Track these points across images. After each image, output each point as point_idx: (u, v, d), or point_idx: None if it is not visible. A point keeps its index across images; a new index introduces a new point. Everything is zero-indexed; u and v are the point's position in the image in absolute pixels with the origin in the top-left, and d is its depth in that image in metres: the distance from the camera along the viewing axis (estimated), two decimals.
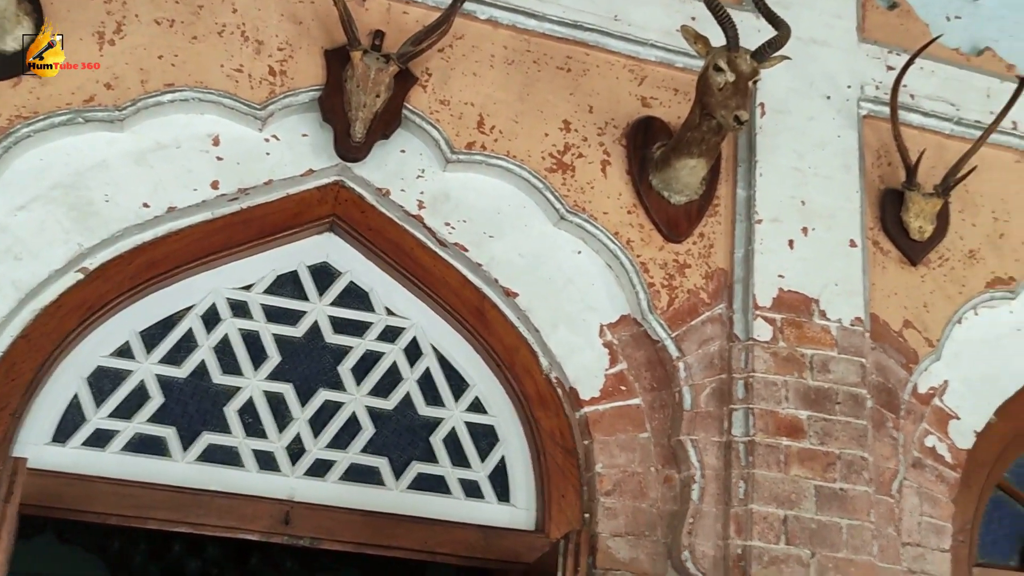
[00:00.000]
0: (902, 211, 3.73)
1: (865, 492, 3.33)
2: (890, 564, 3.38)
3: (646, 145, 3.56)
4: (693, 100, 3.33)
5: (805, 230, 3.58)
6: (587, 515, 3.30)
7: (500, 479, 3.41)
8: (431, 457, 3.37)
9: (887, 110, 3.69)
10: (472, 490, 3.38)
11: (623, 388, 3.42)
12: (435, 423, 3.40)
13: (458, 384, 3.45)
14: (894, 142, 3.70)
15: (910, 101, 3.83)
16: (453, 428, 3.41)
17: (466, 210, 3.42)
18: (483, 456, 3.41)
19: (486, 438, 3.44)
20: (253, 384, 3.26)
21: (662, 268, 3.49)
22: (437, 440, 3.38)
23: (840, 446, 3.36)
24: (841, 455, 3.35)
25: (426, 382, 3.43)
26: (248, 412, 3.23)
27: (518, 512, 3.37)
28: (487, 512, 3.36)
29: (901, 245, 3.74)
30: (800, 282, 3.52)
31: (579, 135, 3.53)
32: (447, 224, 3.39)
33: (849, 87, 3.80)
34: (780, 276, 3.51)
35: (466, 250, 3.40)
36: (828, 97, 3.76)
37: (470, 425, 3.43)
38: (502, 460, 3.43)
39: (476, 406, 3.45)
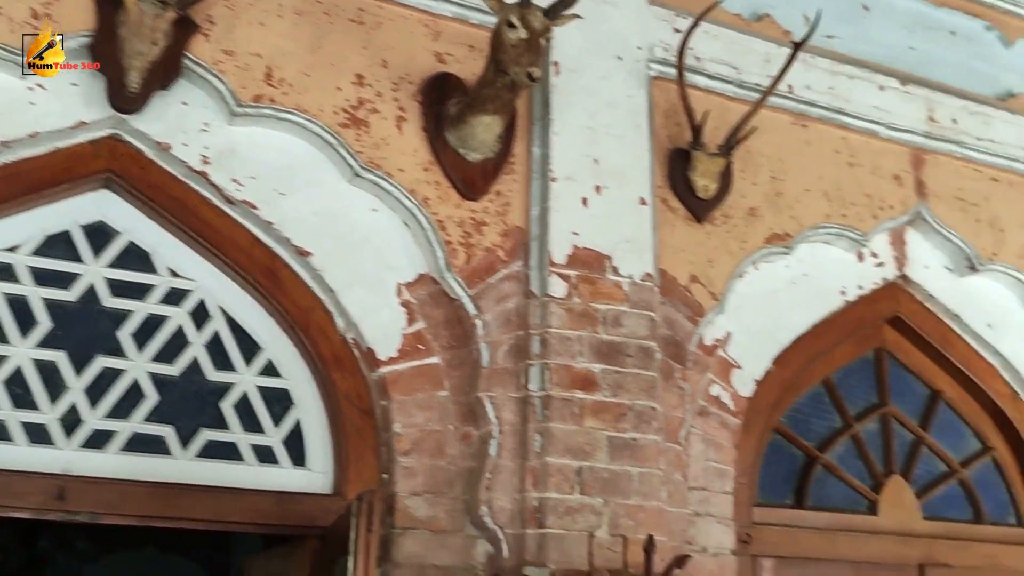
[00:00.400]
0: (689, 170, 3.86)
1: (655, 441, 3.46)
2: (678, 508, 3.54)
3: (442, 101, 3.51)
4: (487, 56, 3.31)
5: (598, 188, 3.65)
6: (385, 475, 3.27)
7: (296, 443, 3.33)
8: (222, 424, 3.24)
9: (675, 71, 3.80)
10: (266, 456, 3.28)
11: (421, 347, 3.40)
12: (225, 388, 3.27)
13: (249, 347, 3.33)
14: (681, 103, 3.82)
15: (696, 63, 3.95)
16: (245, 393, 3.29)
17: (254, 166, 3.28)
18: (277, 421, 3.32)
19: (280, 402, 3.34)
20: (21, 352, 3.02)
21: (459, 226, 3.47)
22: (228, 406, 3.26)
23: (631, 397, 3.47)
24: (632, 406, 3.46)
25: (215, 346, 3.28)
26: (16, 383, 3.00)
27: (315, 476, 3.30)
28: (282, 478, 3.27)
29: (688, 203, 3.87)
30: (594, 239, 3.59)
31: (373, 90, 3.45)
32: (234, 181, 3.25)
33: (639, 48, 3.88)
34: (575, 233, 3.56)
35: (256, 208, 3.26)
36: (619, 58, 3.83)
37: (263, 389, 3.31)
38: (297, 424, 3.34)
39: (269, 370, 3.34)
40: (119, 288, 3.19)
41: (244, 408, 3.28)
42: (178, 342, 3.23)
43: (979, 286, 4.48)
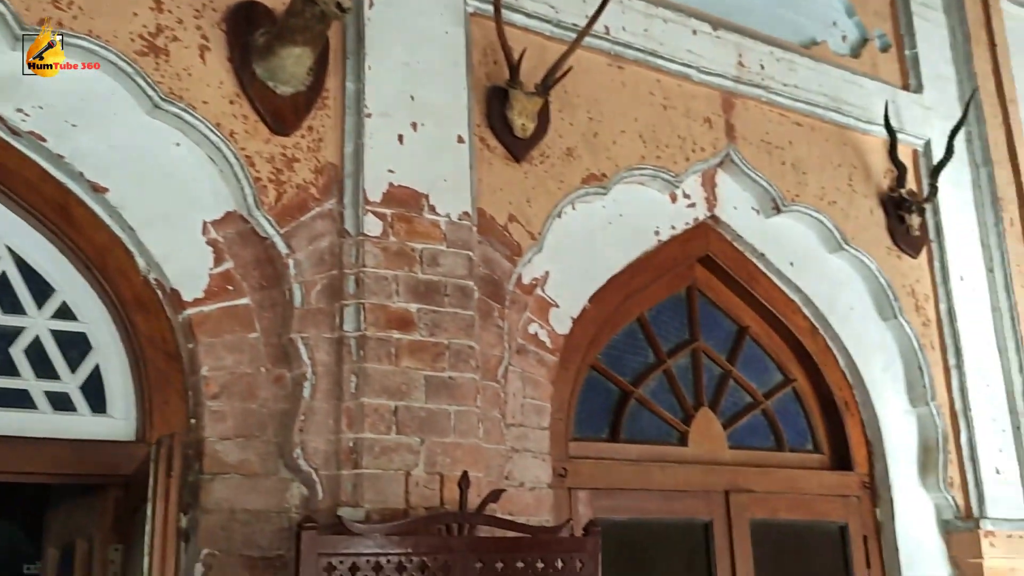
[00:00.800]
0: (506, 109, 3.85)
1: (472, 379, 3.48)
2: (495, 445, 3.58)
3: (248, 31, 3.36)
4: None
5: (415, 125, 3.59)
6: (193, 420, 3.16)
7: (95, 389, 3.17)
8: (12, 370, 3.05)
9: (492, 8, 3.76)
10: (63, 403, 3.11)
11: (230, 288, 3.28)
12: (15, 333, 3.07)
13: (42, 289, 3.14)
14: (499, 40, 3.79)
15: (513, 1, 3.93)
16: (37, 337, 3.10)
17: (42, 95, 3.05)
18: (74, 366, 3.15)
19: (77, 346, 3.17)
20: None
21: (269, 162, 3.35)
22: (18, 351, 3.07)
23: (449, 337, 3.46)
24: (450, 345, 3.46)
25: (3, 288, 3.07)
26: None
27: (116, 423, 3.16)
28: (81, 425, 3.12)
29: (506, 142, 3.87)
30: (410, 177, 3.54)
31: (173, 16, 3.26)
32: (20, 111, 3.02)
33: None
34: (390, 171, 3.50)
35: (44, 140, 3.05)
36: None
37: (57, 333, 3.14)
38: (96, 369, 3.18)
39: (64, 312, 3.16)
40: None
41: (37, 353, 3.10)
42: None
43: (783, 226, 4.70)
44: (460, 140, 3.68)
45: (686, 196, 4.43)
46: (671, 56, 4.38)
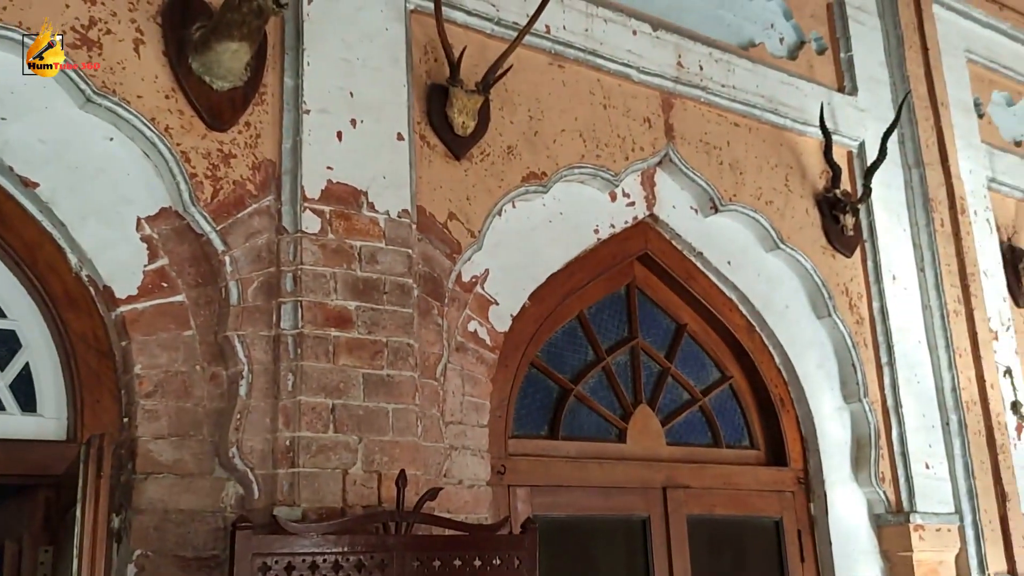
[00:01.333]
0: (447, 106, 3.85)
1: (411, 377, 3.47)
2: (434, 443, 3.58)
3: (184, 25, 3.32)
4: None
5: (354, 122, 3.57)
6: (126, 419, 3.11)
7: (25, 388, 3.12)
8: None
9: (432, 5, 3.75)
10: None
11: (165, 285, 3.24)
12: None
13: None
14: (439, 38, 3.78)
15: None
16: None
17: None
18: (3, 364, 3.10)
19: (6, 344, 3.11)
20: None
21: (205, 158, 3.31)
22: None
23: (387, 334, 3.46)
24: (388, 343, 3.45)
25: None
26: None
27: (47, 422, 3.11)
28: (10, 424, 3.07)
29: (446, 139, 3.87)
30: (349, 174, 3.52)
31: (107, 9, 3.20)
32: None
33: None
34: (329, 168, 3.48)
35: None
36: None
37: None
38: (27, 367, 3.12)
39: None
40: None
41: None
42: None
43: (720, 225, 4.76)
44: (400, 137, 3.67)
45: (626, 195, 4.47)
46: (611, 56, 4.42)
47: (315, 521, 3.05)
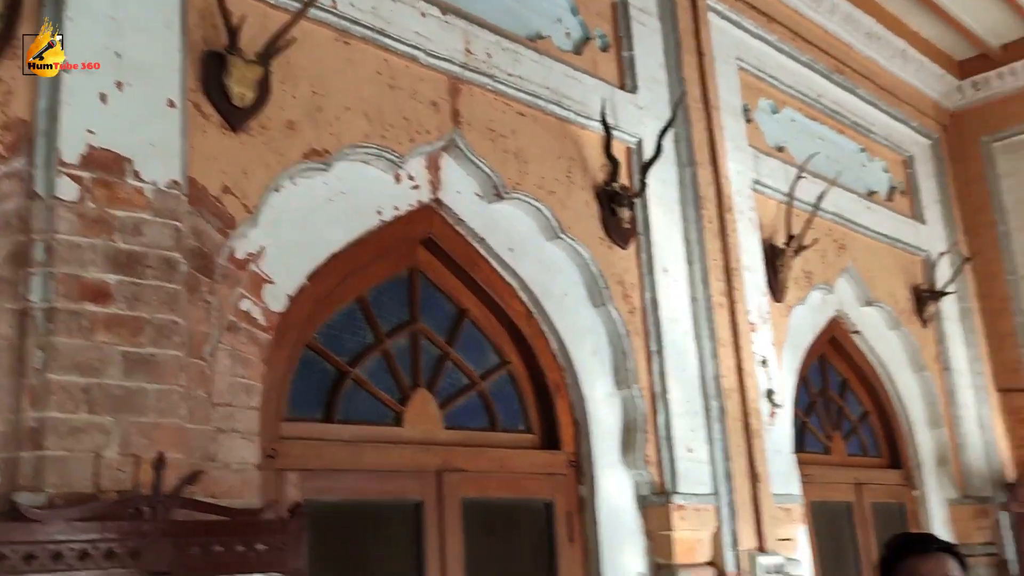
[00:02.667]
0: (224, 76, 3.69)
1: (176, 356, 3.31)
2: (199, 425, 3.43)
3: None
4: None
5: (120, 84, 3.36)
6: None
7: None
8: None
9: None
10: None
11: None
12: None
13: None
14: (217, 3, 3.62)
15: None
16: None
17: None
18: None
19: None
20: None
21: None
22: None
23: (151, 311, 3.28)
24: (152, 320, 3.27)
25: None
26: None
27: None
28: None
29: (222, 109, 3.70)
30: (113, 140, 3.31)
31: None
32: None
33: None
34: (90, 132, 3.26)
35: None
36: None
37: None
38: None
39: None
40: None
41: None
42: None
43: (503, 212, 4.82)
44: (171, 104, 3.48)
45: (410, 178, 4.44)
46: (399, 36, 4.37)
47: (62, 507, 2.85)
